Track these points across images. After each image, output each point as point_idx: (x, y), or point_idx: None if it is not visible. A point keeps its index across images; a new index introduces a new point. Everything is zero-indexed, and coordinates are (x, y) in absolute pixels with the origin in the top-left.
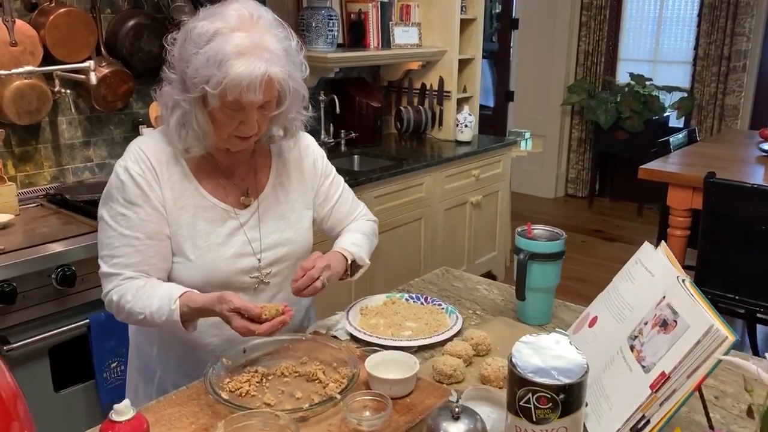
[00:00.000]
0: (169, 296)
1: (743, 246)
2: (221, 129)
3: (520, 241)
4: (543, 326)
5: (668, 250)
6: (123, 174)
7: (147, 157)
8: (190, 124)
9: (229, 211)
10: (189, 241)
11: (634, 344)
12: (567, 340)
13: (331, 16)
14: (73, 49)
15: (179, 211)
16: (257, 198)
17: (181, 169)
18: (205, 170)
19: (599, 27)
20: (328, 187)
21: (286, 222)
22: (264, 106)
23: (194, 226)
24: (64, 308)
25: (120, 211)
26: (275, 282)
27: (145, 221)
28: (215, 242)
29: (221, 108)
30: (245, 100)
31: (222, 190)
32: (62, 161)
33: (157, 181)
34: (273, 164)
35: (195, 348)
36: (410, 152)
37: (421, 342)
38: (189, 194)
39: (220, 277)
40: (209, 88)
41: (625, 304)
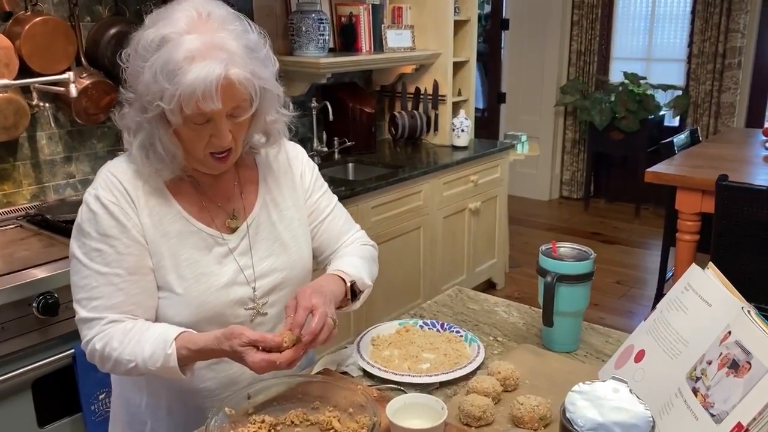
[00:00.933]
0: (163, 339)
1: (760, 251)
2: (192, 148)
3: (545, 261)
4: (571, 353)
5: (718, 272)
6: (94, 204)
7: (119, 181)
8: (154, 147)
9: (215, 236)
10: (174, 272)
11: (698, 387)
12: (626, 387)
13: (322, 20)
14: (51, 60)
15: (161, 240)
16: (246, 219)
17: (159, 192)
18: (186, 192)
19: (591, 26)
20: (317, 201)
21: (280, 245)
22: (233, 114)
23: (179, 255)
24: (46, 339)
25: (94, 247)
26: (273, 313)
27: (124, 255)
28: (203, 272)
29: (186, 124)
30: (206, 110)
31: (206, 213)
32: (42, 178)
33: (133, 207)
34: (260, 179)
35: (188, 394)
36: (406, 159)
37: (443, 377)
38: (170, 219)
39: (212, 310)
40: (164, 104)
41: (679, 337)
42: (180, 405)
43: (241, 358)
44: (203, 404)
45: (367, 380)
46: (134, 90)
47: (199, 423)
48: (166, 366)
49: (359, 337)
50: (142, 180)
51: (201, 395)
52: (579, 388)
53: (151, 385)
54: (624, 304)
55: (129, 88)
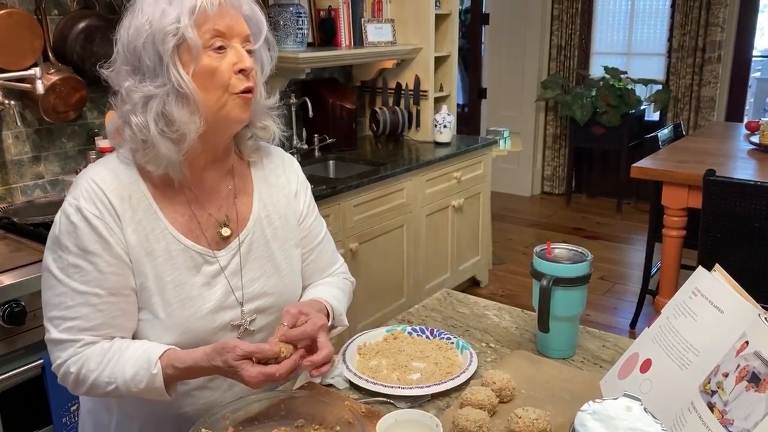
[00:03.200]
0: (146, 358)
1: (748, 245)
2: (214, 88)
3: (540, 264)
4: (568, 359)
5: (726, 275)
6: (75, 215)
7: (104, 192)
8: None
9: (205, 254)
10: (158, 295)
11: (714, 402)
12: (640, 405)
13: (300, 14)
14: (17, 56)
15: (145, 259)
16: (238, 234)
17: (145, 204)
18: (175, 201)
19: (571, 20)
20: (311, 226)
21: (273, 266)
22: (246, 44)
23: (163, 277)
24: (13, 349)
25: (72, 262)
26: (261, 336)
27: (105, 274)
28: (189, 296)
29: (205, 51)
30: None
31: (196, 226)
32: (9, 180)
33: (117, 222)
34: (255, 192)
35: (163, 420)
36: (388, 156)
37: (435, 389)
38: (157, 236)
39: (196, 336)
40: (182, 23)
41: (688, 346)
42: (152, 429)
43: (236, 373)
44: (180, 429)
45: (354, 393)
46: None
47: None
48: (150, 387)
49: (345, 346)
50: (128, 191)
51: (178, 421)
52: (589, 408)
53: (123, 405)
54: (608, 300)
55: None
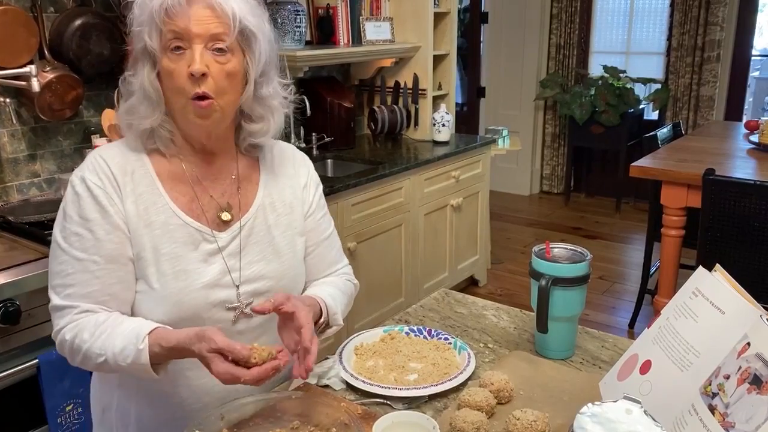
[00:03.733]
0: (135, 333)
1: (747, 244)
2: (172, 88)
3: (539, 263)
4: (566, 360)
5: (727, 276)
6: (79, 186)
7: (107, 165)
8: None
9: (204, 232)
10: (153, 265)
11: (715, 404)
12: (640, 408)
13: (298, 12)
14: (12, 53)
15: (144, 230)
16: (240, 218)
17: (148, 180)
18: (178, 180)
19: (570, 19)
20: (319, 221)
21: (274, 251)
22: (213, 44)
23: (160, 249)
24: (8, 348)
25: (74, 230)
26: (258, 320)
27: (103, 241)
28: (184, 269)
29: (164, 53)
30: (181, 25)
31: (197, 206)
32: (4, 178)
33: (118, 193)
34: (261, 181)
35: (158, 400)
36: (386, 155)
37: (432, 390)
38: (157, 210)
39: (188, 310)
40: (144, 27)
41: (689, 348)
42: (149, 413)
43: (207, 364)
44: (174, 414)
45: (350, 394)
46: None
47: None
48: (136, 362)
49: (341, 347)
50: (132, 167)
51: (171, 403)
52: (588, 410)
53: (123, 385)
54: (607, 299)
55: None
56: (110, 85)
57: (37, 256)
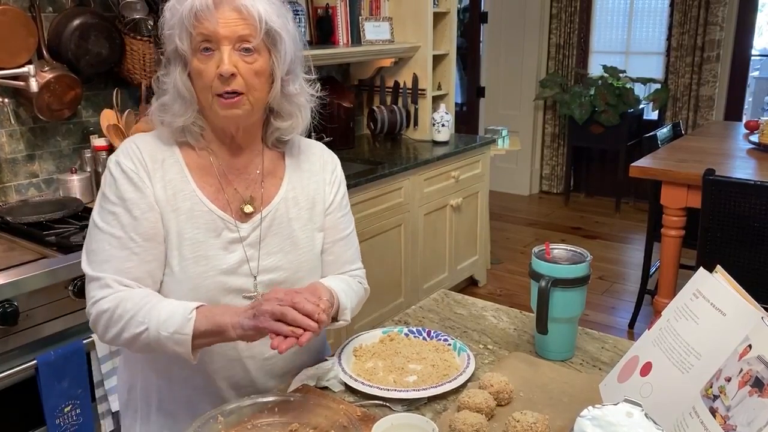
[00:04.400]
0: (183, 307)
1: (747, 245)
2: (201, 87)
3: (539, 264)
4: (566, 361)
5: (728, 277)
6: (114, 169)
7: (140, 151)
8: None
9: (227, 221)
10: (176, 249)
11: (716, 407)
12: (641, 411)
13: (298, 12)
14: (11, 53)
15: (171, 214)
16: (261, 211)
17: (178, 168)
18: (206, 172)
19: (570, 19)
20: (339, 220)
21: (292, 243)
22: (240, 45)
23: (183, 233)
24: (6, 350)
25: (111, 210)
26: None
27: (140, 220)
28: (204, 254)
29: (194, 55)
30: (208, 28)
31: (222, 197)
32: (3, 178)
33: (149, 177)
34: (286, 176)
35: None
36: (386, 155)
37: (432, 392)
38: (184, 197)
39: (205, 294)
40: (175, 30)
41: (689, 349)
42: (169, 394)
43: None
44: (191, 396)
45: (349, 396)
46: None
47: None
48: (179, 332)
49: (340, 348)
50: (163, 155)
51: (188, 385)
52: (588, 413)
53: (146, 370)
54: (607, 299)
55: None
56: (109, 85)
57: (35, 256)
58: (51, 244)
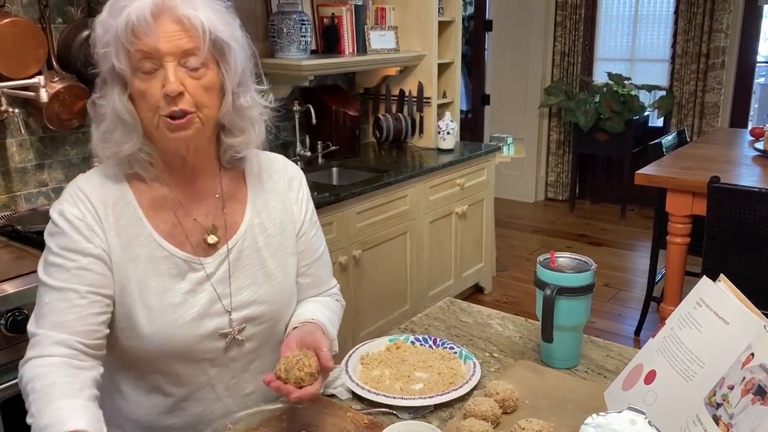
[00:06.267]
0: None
1: (753, 252)
2: (145, 109)
3: (544, 273)
4: (572, 369)
5: (731, 286)
6: (58, 218)
7: (87, 197)
8: (113, 124)
9: (190, 261)
10: (140, 301)
11: (719, 415)
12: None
13: (303, 21)
14: (21, 64)
15: (129, 264)
16: (227, 241)
17: (130, 211)
18: (160, 207)
19: (575, 26)
20: (312, 240)
21: (264, 274)
22: (186, 60)
23: (146, 283)
24: (16, 357)
25: (54, 262)
26: (251, 346)
27: (85, 271)
28: (171, 302)
29: (135, 74)
30: (148, 44)
31: (180, 232)
32: (13, 187)
33: (100, 225)
34: (249, 199)
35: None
36: (391, 163)
37: (438, 400)
38: (140, 243)
39: (179, 346)
40: (110, 48)
41: (693, 358)
42: None
43: None
44: None
45: (356, 403)
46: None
47: None
48: None
49: (347, 356)
50: (113, 197)
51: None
52: (592, 421)
53: (113, 415)
54: (613, 306)
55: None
56: None
57: None
58: None
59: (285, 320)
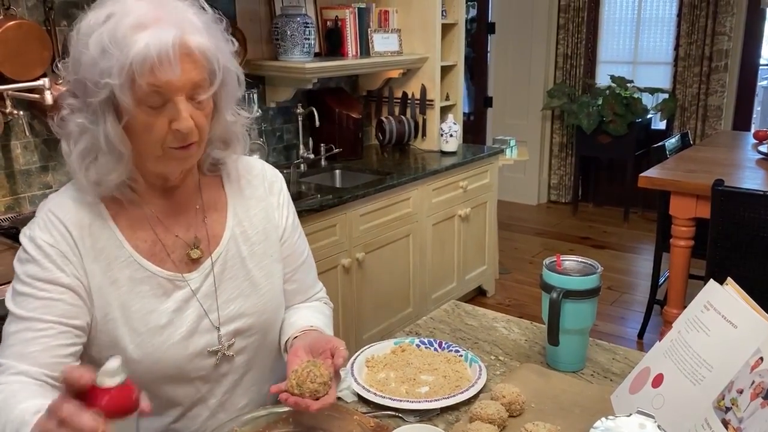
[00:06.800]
0: (22, 420)
1: (757, 255)
2: (148, 142)
3: (550, 276)
4: (577, 373)
5: (738, 289)
6: (28, 245)
7: (61, 221)
8: (97, 153)
9: (173, 279)
10: (125, 325)
11: (728, 419)
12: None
13: (307, 24)
14: (26, 66)
15: (110, 288)
16: (210, 254)
17: (108, 233)
18: (139, 225)
19: (577, 29)
20: (295, 245)
21: (251, 284)
22: (194, 93)
23: (129, 306)
24: None
25: (22, 291)
26: (241, 361)
27: (54, 301)
28: (158, 324)
29: (139, 107)
30: (162, 80)
31: (161, 249)
32: (17, 189)
33: (75, 251)
34: (228, 207)
35: None
36: (394, 165)
37: (444, 403)
38: (120, 265)
39: (169, 367)
40: (112, 80)
41: (701, 361)
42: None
43: None
44: None
45: (362, 406)
46: (76, 84)
47: None
48: None
49: (353, 359)
50: (88, 219)
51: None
52: (601, 425)
53: None
54: (616, 309)
55: (69, 88)
56: None
57: None
58: None
59: (275, 330)
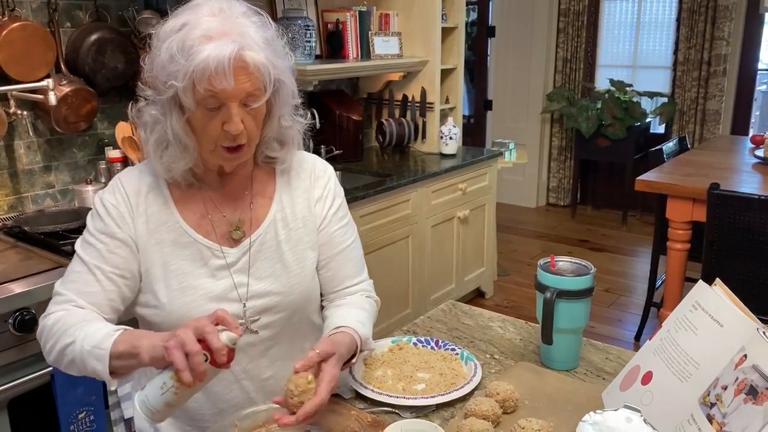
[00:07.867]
0: (112, 326)
1: (752, 259)
2: (204, 136)
3: (544, 276)
4: (571, 371)
5: (726, 290)
6: (97, 204)
7: (123, 187)
8: (167, 138)
9: (213, 248)
10: (162, 281)
11: (713, 414)
12: (640, 416)
13: (308, 27)
14: (30, 67)
15: (154, 248)
16: (250, 234)
17: (162, 200)
18: (192, 201)
19: (577, 33)
20: (333, 234)
21: (283, 266)
22: (247, 101)
23: (169, 265)
24: (23, 356)
25: (88, 240)
26: (265, 335)
27: (111, 253)
28: (191, 284)
29: (198, 108)
30: (218, 88)
31: (208, 223)
32: (20, 189)
33: (131, 213)
34: (276, 196)
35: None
36: (394, 167)
37: (439, 399)
38: (167, 228)
39: None
40: (177, 82)
41: (688, 359)
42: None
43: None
44: (194, 418)
45: (359, 403)
46: (152, 80)
47: None
48: (98, 347)
49: None
50: (147, 188)
51: (189, 408)
52: (590, 418)
53: None
54: (613, 312)
55: (147, 82)
56: (124, 99)
57: (51, 265)
58: (67, 254)
59: (303, 311)
